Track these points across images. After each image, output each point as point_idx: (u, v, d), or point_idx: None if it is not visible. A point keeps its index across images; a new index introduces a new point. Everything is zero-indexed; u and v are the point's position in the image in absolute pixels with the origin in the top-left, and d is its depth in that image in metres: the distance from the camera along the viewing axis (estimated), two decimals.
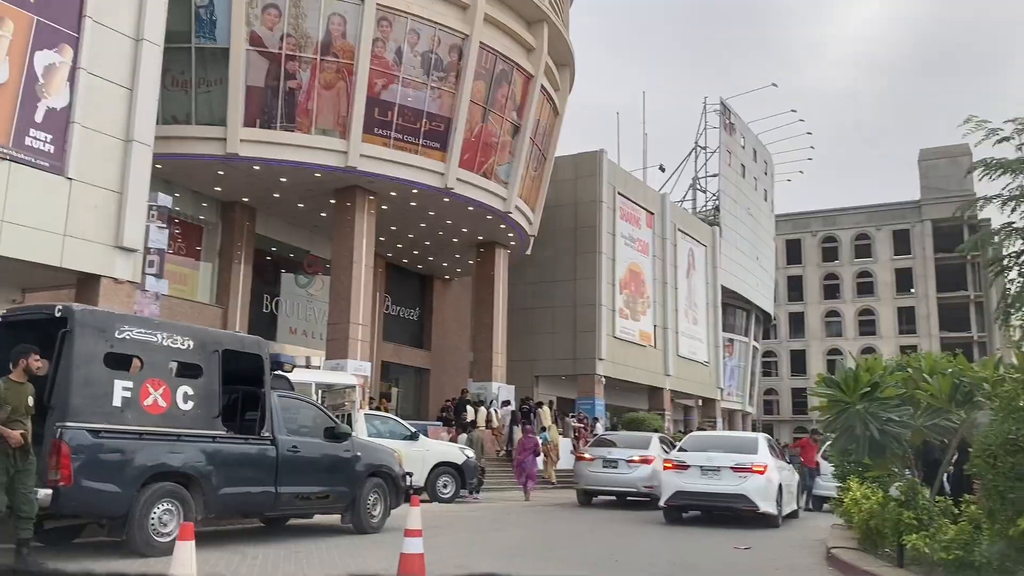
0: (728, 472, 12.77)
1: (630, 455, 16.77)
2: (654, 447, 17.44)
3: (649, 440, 18.03)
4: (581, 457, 17.75)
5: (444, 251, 29.83)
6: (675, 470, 13.26)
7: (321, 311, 26.18)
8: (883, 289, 71.42)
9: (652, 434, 19.51)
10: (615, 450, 17.16)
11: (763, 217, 55.49)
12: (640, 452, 16.97)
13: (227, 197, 24.07)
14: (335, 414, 13.90)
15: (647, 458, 16.77)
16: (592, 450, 17.79)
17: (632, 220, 37.11)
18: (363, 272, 22.59)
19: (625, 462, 16.66)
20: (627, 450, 17.04)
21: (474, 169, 23.73)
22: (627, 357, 35.45)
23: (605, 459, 16.85)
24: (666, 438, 19.49)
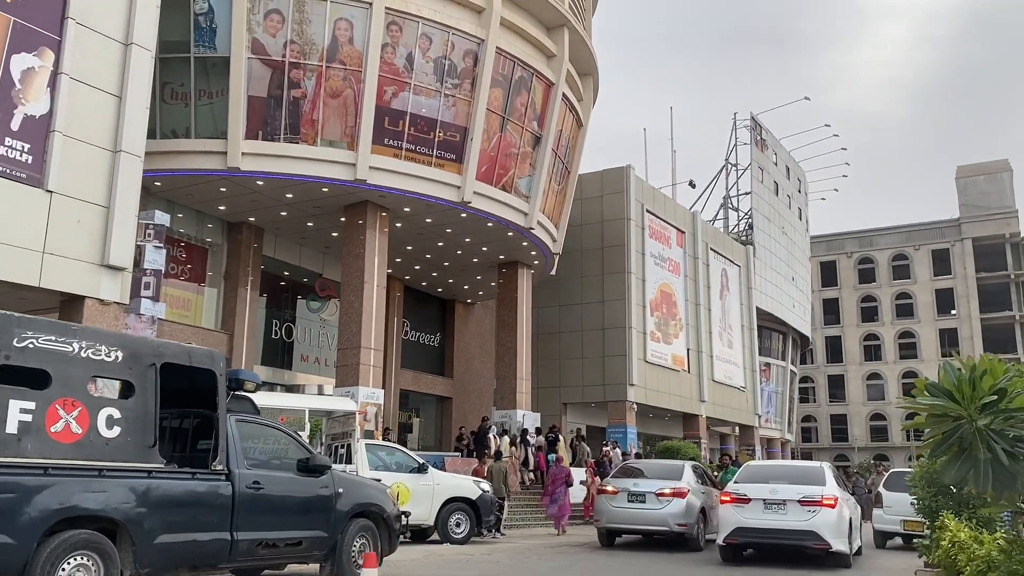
0: (795, 506, 11.65)
1: (659, 487, 14.59)
2: (687, 478, 15.08)
3: (681, 470, 15.48)
4: (603, 490, 15.37)
5: (464, 272, 28.36)
6: (734, 504, 12.07)
7: (335, 337, 24.79)
8: (923, 311, 68.98)
9: (684, 463, 16.49)
10: (642, 481, 14.95)
11: (798, 236, 53.51)
12: (671, 484, 14.69)
13: (233, 217, 22.84)
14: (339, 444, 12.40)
15: (679, 491, 14.50)
16: (615, 482, 15.36)
17: (662, 239, 35.45)
18: (375, 293, 21.14)
19: (654, 495, 14.42)
20: (656, 481, 14.87)
21: (493, 182, 22.29)
22: (659, 382, 33.62)
23: (631, 492, 14.55)
24: (700, 467, 16.96)
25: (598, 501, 15.38)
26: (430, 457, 19.58)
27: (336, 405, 12.52)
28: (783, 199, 50.67)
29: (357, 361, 20.50)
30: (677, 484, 14.71)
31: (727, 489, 12.80)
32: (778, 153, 50.51)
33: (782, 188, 50.55)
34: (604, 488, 15.35)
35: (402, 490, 12.04)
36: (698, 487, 15.27)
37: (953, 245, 69.85)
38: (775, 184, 49.33)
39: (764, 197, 47.24)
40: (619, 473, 16.39)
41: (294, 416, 11.40)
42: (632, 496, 14.54)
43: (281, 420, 11.42)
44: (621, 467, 17.61)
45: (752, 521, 11.79)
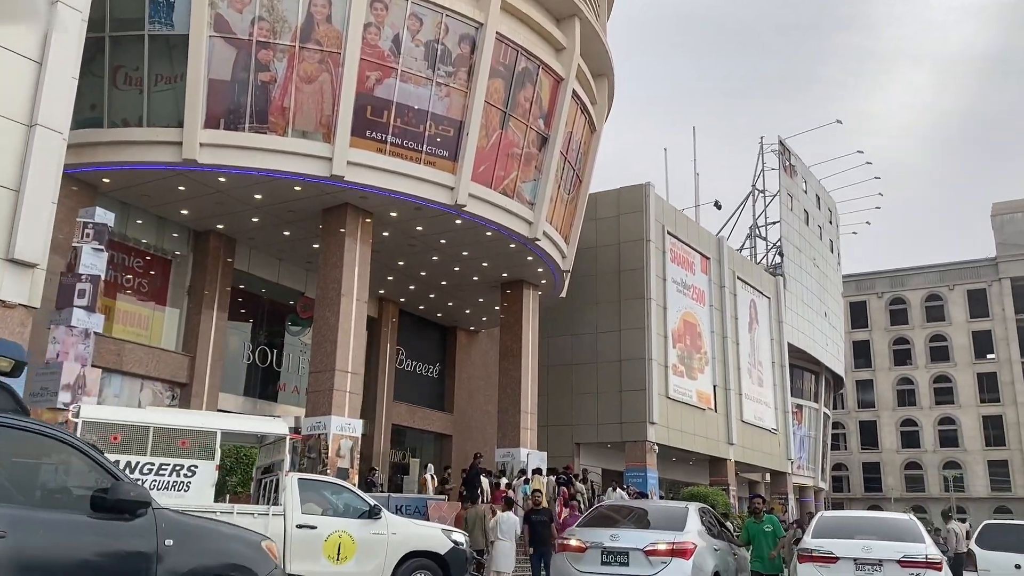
0: (894, 568, 9.97)
1: (650, 541, 9.78)
2: (693, 526, 10.35)
3: (684, 515, 10.61)
4: (565, 546, 10.17)
5: (464, 294, 25.50)
6: (817, 564, 10.26)
7: None
8: (960, 354, 65.38)
9: (688, 505, 11.37)
10: (624, 533, 10.10)
11: (830, 270, 50.34)
12: (668, 536, 9.94)
13: (198, 224, 20.21)
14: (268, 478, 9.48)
15: (682, 547, 9.78)
16: (584, 533, 10.19)
17: (685, 264, 32.49)
18: (353, 308, 18.31)
19: (641, 555, 9.63)
20: (645, 533, 10.12)
21: (492, 185, 19.54)
22: (683, 421, 30.38)
23: (606, 550, 9.76)
24: (711, 512, 12.02)
25: (555, 562, 10.21)
26: (412, 500, 16.56)
27: (261, 427, 9.60)
28: (814, 229, 47.64)
29: (331, 386, 17.60)
30: (678, 537, 9.84)
31: (806, 546, 10.55)
32: (808, 181, 47.64)
33: (812, 218, 47.56)
34: (566, 542, 10.04)
35: (345, 541, 9.09)
36: (710, 542, 10.41)
37: (990, 285, 66.47)
38: (805, 213, 46.37)
39: (794, 226, 44.26)
40: (591, 520, 10.87)
41: (200, 438, 8.51)
42: (608, 556, 9.64)
43: (182, 444, 8.54)
44: (594, 510, 11.64)
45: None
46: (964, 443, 63.44)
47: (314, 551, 8.89)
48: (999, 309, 64.60)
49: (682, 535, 9.80)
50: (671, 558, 9.48)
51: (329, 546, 8.97)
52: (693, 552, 9.58)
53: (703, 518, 10.78)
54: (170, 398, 19.14)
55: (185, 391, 19.34)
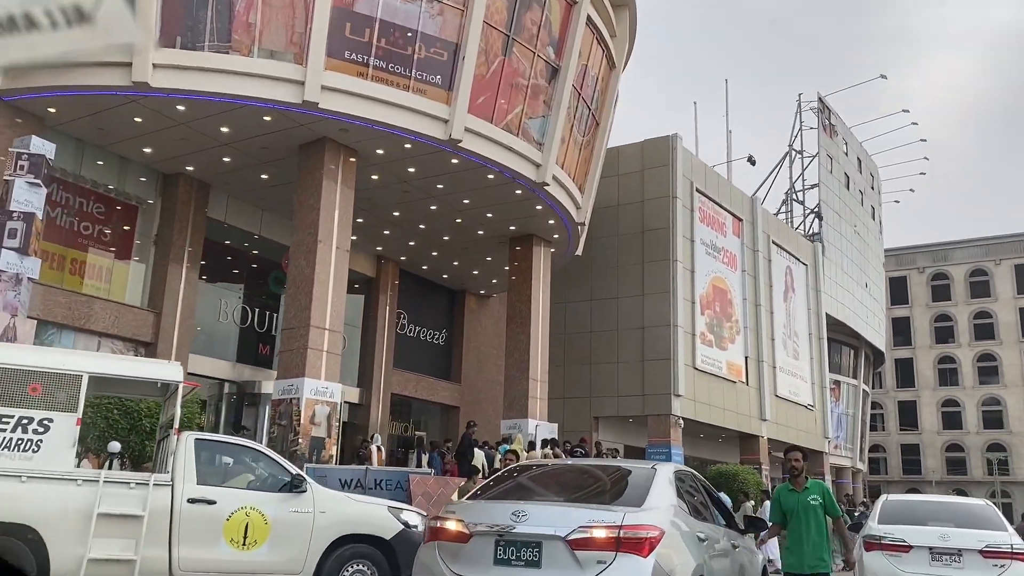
0: (975, 558, 9.05)
1: (578, 526, 5.15)
2: (659, 500, 5.70)
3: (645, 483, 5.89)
4: (436, 530, 5.48)
5: (470, 252, 23.19)
6: (887, 552, 9.29)
7: None
8: (1006, 331, 62.09)
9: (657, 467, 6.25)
10: (536, 510, 5.39)
11: (871, 238, 47.25)
12: (611, 517, 5.26)
13: (166, 166, 18.09)
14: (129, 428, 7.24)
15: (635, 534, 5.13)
16: (472, 510, 5.56)
17: (715, 225, 29.87)
18: (332, 257, 16.07)
19: (563, 547, 5.09)
20: (571, 510, 5.45)
21: (492, 119, 17.14)
22: (711, 394, 27.90)
23: (504, 538, 5.19)
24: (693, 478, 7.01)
25: (418, 559, 5.70)
26: (393, 475, 14.36)
27: (146, 371, 7.33)
28: (854, 194, 44.57)
29: (304, 345, 15.42)
30: (631, 517, 5.31)
31: (873, 532, 9.54)
32: (849, 142, 44.52)
33: (853, 182, 44.48)
34: (441, 524, 5.47)
35: (254, 521, 6.87)
36: (690, 525, 5.88)
37: None
38: (846, 176, 43.32)
39: (834, 190, 41.28)
40: (494, 488, 6.24)
41: (55, 386, 6.34)
42: (507, 548, 5.22)
43: (32, 391, 6.37)
44: (504, 473, 6.89)
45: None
46: (1009, 424, 60.35)
47: (212, 533, 6.71)
48: None
49: (639, 514, 5.27)
50: (614, 554, 4.96)
51: (232, 527, 6.78)
52: (658, 543, 5.06)
53: (680, 487, 6.08)
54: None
55: (150, 351, 17.31)
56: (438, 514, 5.59)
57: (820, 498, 6.67)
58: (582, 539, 5.00)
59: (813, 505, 6.67)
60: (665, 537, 5.12)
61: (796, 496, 6.71)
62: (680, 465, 6.91)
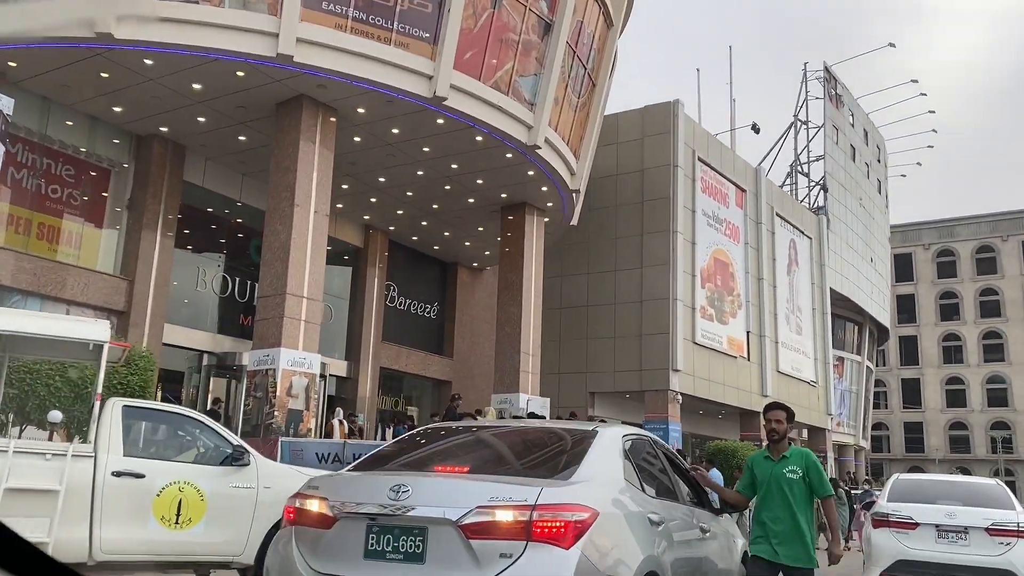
0: (981, 536, 9.25)
1: (475, 506, 3.61)
2: (595, 469, 4.15)
3: (581, 448, 4.34)
4: (299, 511, 4.02)
5: (461, 221, 22.35)
6: (894, 529, 9.56)
7: None
8: (1012, 308, 61.32)
9: (598, 426, 4.79)
10: (423, 485, 3.82)
11: (877, 212, 46.30)
12: (524, 493, 3.67)
13: (139, 127, 17.23)
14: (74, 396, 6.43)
15: (553, 517, 3.60)
16: (345, 484, 4.07)
17: (717, 196, 28.97)
18: (310, 222, 15.26)
19: (454, 534, 3.61)
20: (472, 484, 3.87)
21: (480, 76, 16.24)
22: (711, 370, 27.14)
23: (377, 523, 3.72)
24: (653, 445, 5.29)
25: (273, 546, 4.23)
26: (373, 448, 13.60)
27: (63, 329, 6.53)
28: (860, 167, 43.57)
29: (281, 313, 14.65)
30: (552, 495, 3.69)
31: (882, 510, 9.76)
32: (855, 113, 43.46)
33: (860, 154, 43.47)
34: (300, 504, 4.04)
35: (188, 497, 6.10)
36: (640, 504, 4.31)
37: None
38: (852, 148, 42.31)
39: (839, 162, 40.30)
40: (381, 456, 4.65)
41: None
42: (381, 536, 3.74)
43: None
44: (408, 437, 5.17)
45: (921, 553, 9.36)
46: (1014, 402, 59.72)
47: (139, 510, 5.96)
48: None
49: (563, 489, 3.86)
50: (524, 544, 3.58)
51: (163, 503, 6.02)
52: (587, 528, 3.69)
53: (632, 456, 4.68)
54: None
55: (122, 320, 16.55)
56: (299, 490, 4.12)
57: (801, 471, 5.10)
58: (480, 523, 3.54)
59: (790, 479, 5.07)
60: (600, 520, 3.68)
61: (771, 466, 5.20)
62: (636, 429, 5.28)
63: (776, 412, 5.29)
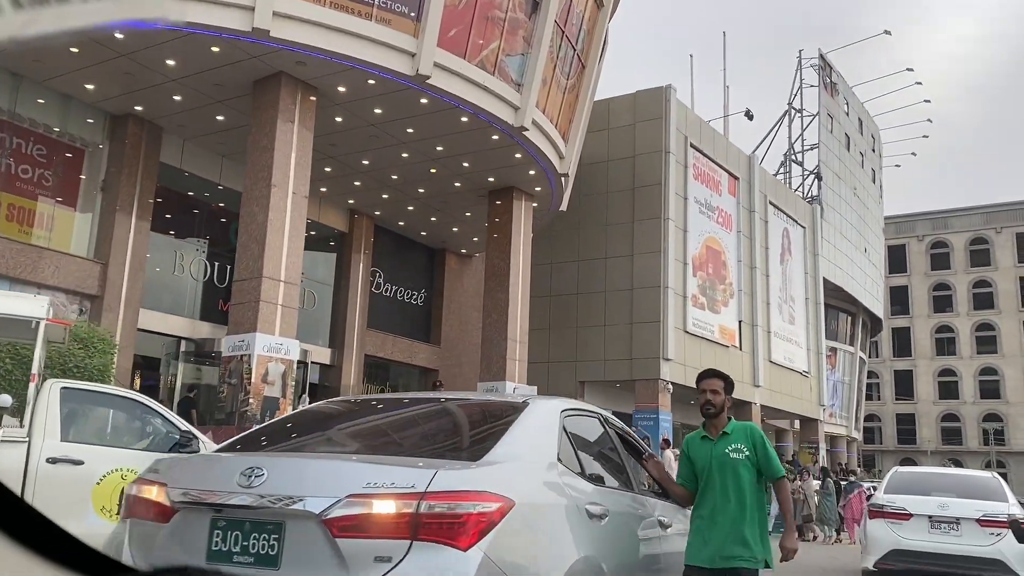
0: (972, 527, 9.62)
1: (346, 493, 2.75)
2: (515, 448, 3.29)
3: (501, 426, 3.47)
4: (136, 500, 3.14)
5: (447, 206, 21.88)
6: (889, 520, 10.04)
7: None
8: (1005, 300, 61.21)
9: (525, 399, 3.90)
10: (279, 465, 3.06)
11: (871, 202, 45.95)
12: (414, 478, 2.79)
13: (114, 106, 16.70)
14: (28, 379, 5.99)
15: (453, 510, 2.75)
16: (191, 468, 3.38)
17: (710, 183, 28.54)
18: (288, 203, 14.78)
19: (316, 526, 2.75)
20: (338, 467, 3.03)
21: (465, 55, 15.76)
22: (702, 359, 26.74)
23: (223, 513, 2.91)
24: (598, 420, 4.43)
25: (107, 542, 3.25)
26: None
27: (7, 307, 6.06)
28: (855, 156, 43.19)
29: (257, 297, 14.18)
30: (454, 478, 2.87)
31: (878, 501, 10.33)
32: (850, 102, 43.05)
33: (854, 143, 43.08)
34: (137, 492, 3.18)
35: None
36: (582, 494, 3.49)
37: None
38: (846, 137, 41.91)
39: (834, 151, 39.90)
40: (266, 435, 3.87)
41: None
42: (226, 531, 2.91)
43: None
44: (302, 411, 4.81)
45: (914, 543, 9.80)
46: (1006, 394, 59.65)
47: (78, 500, 5.53)
48: None
49: (466, 472, 2.96)
50: (408, 543, 2.69)
51: (104, 492, 5.59)
52: (496, 521, 2.80)
53: (571, 435, 3.81)
54: (77, 312, 15.88)
55: (96, 304, 16.07)
56: (140, 474, 3.30)
57: (747, 450, 4.20)
58: (349, 517, 2.69)
59: (735, 460, 4.18)
60: (516, 512, 2.85)
61: (710, 447, 4.30)
62: (583, 403, 4.48)
63: (711, 380, 4.44)
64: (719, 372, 4.52)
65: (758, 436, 4.31)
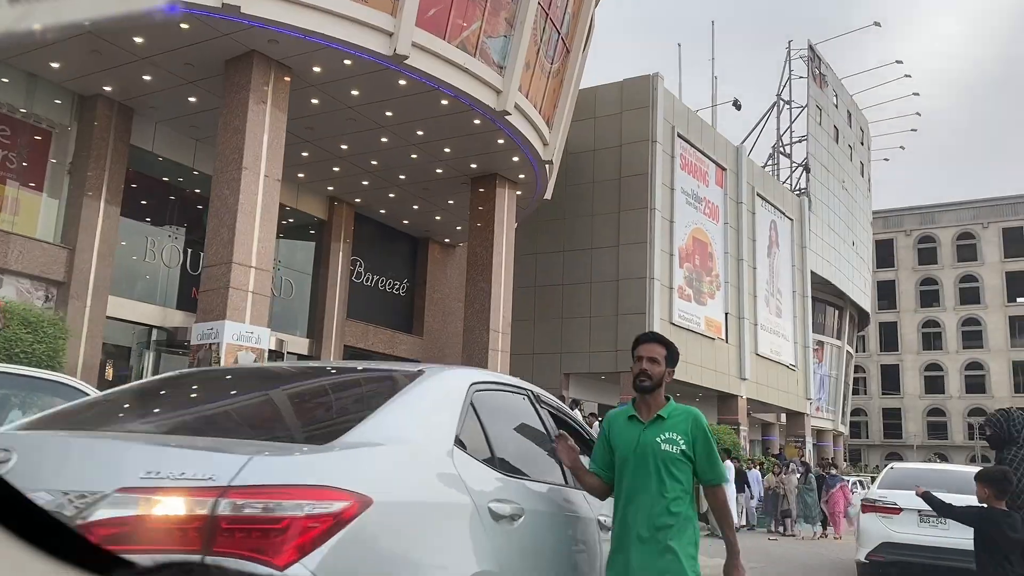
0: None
1: (113, 487, 1.92)
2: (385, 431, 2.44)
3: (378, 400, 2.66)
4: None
5: (429, 193, 21.41)
6: (880, 514, 10.36)
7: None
8: (991, 295, 61.29)
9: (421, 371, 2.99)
10: (36, 445, 2.23)
11: (859, 195, 45.75)
12: (211, 461, 2.01)
13: (82, 87, 16.14)
14: None
15: (262, 512, 1.93)
16: None
17: (697, 174, 28.18)
18: (260, 186, 14.28)
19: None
20: (113, 449, 2.21)
21: (445, 35, 15.28)
22: (688, 351, 26.41)
23: None
24: (528, 396, 3.68)
25: None
26: None
27: None
28: (844, 149, 42.95)
29: (226, 283, 13.70)
30: (278, 467, 2.06)
31: (870, 496, 10.77)
32: (839, 94, 42.79)
33: (843, 136, 42.83)
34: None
35: None
36: (485, 489, 2.70)
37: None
38: (835, 130, 41.65)
39: (822, 143, 39.63)
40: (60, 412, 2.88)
41: None
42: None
43: None
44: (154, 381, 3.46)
45: (903, 536, 10.15)
46: (992, 389, 59.73)
47: None
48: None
49: (302, 459, 2.18)
50: (201, 557, 1.86)
51: None
52: (340, 526, 2.01)
53: (484, 414, 3.03)
54: (43, 298, 15.35)
55: (62, 290, 15.54)
56: None
57: (684, 443, 3.29)
58: (117, 521, 1.90)
59: (667, 454, 3.26)
60: (370, 515, 2.08)
61: (638, 431, 3.36)
62: (498, 375, 3.67)
63: (649, 346, 3.44)
64: (660, 337, 3.58)
65: (701, 427, 3.35)
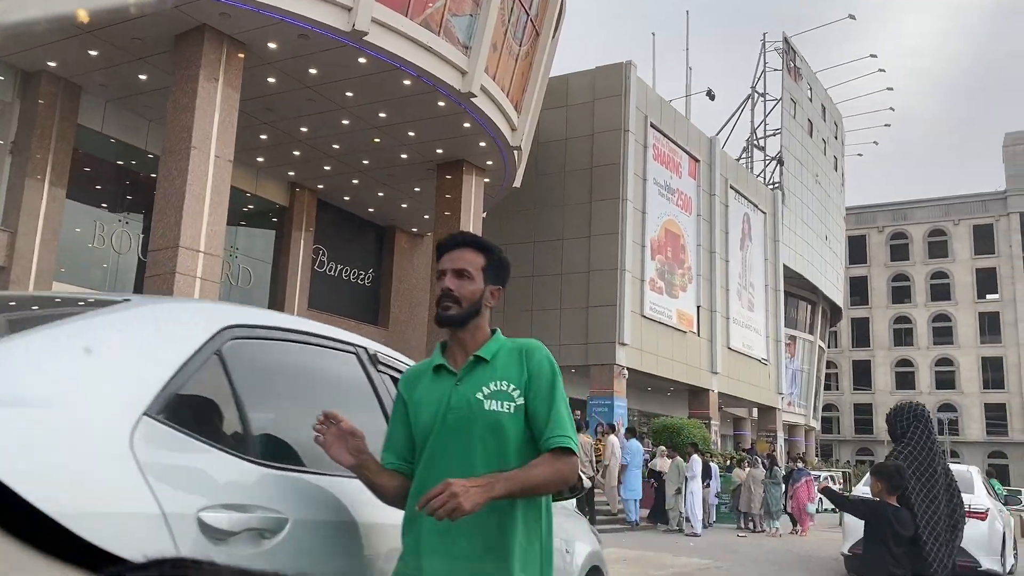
0: None
1: None
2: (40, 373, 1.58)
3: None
4: None
5: (395, 180, 20.77)
6: None
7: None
8: (962, 292, 61.67)
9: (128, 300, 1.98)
10: None
11: (833, 190, 45.67)
12: None
13: (25, 62, 15.34)
14: None
15: None
16: None
17: (670, 164, 27.76)
18: (210, 168, 13.59)
19: None
20: None
21: (408, 12, 14.67)
22: (659, 344, 26.03)
23: None
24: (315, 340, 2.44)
25: None
26: None
27: None
28: (817, 143, 42.82)
29: (173, 269, 13.02)
30: None
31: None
32: (813, 87, 42.63)
33: (817, 130, 42.70)
34: None
35: None
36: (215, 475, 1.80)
37: (998, 220, 62.52)
38: (809, 123, 41.49)
39: (796, 136, 39.44)
40: None
41: None
42: None
43: None
44: None
45: None
46: (961, 385, 60.11)
47: None
48: (1006, 246, 60.86)
49: None
50: None
51: None
52: None
53: (228, 367, 1.97)
54: None
55: (2, 276, 14.78)
56: None
57: (517, 393, 2.13)
58: None
59: (488, 414, 2.09)
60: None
61: (447, 388, 2.17)
62: (301, 320, 2.49)
63: (458, 253, 2.29)
64: (474, 238, 2.37)
65: (544, 365, 2.17)
